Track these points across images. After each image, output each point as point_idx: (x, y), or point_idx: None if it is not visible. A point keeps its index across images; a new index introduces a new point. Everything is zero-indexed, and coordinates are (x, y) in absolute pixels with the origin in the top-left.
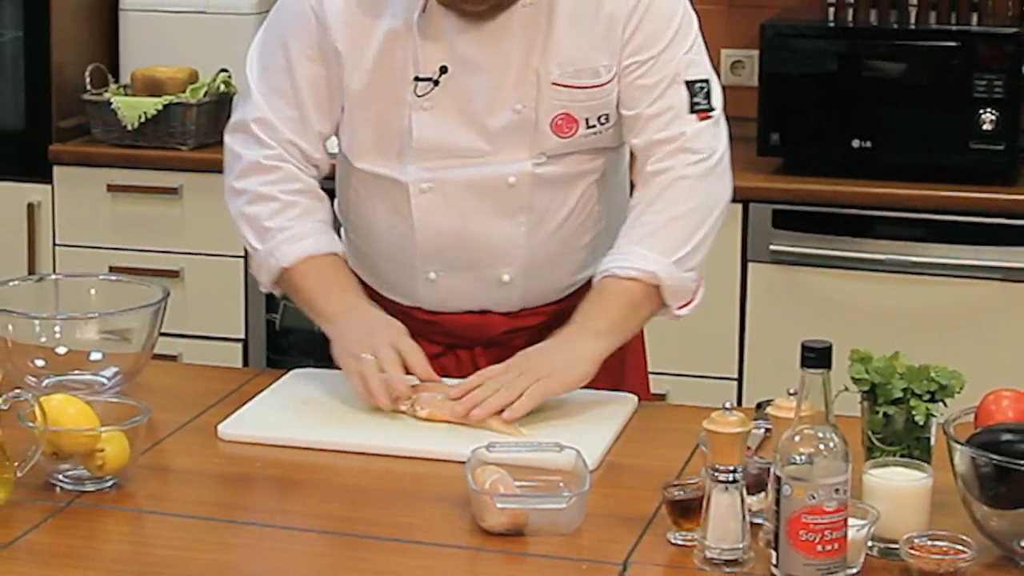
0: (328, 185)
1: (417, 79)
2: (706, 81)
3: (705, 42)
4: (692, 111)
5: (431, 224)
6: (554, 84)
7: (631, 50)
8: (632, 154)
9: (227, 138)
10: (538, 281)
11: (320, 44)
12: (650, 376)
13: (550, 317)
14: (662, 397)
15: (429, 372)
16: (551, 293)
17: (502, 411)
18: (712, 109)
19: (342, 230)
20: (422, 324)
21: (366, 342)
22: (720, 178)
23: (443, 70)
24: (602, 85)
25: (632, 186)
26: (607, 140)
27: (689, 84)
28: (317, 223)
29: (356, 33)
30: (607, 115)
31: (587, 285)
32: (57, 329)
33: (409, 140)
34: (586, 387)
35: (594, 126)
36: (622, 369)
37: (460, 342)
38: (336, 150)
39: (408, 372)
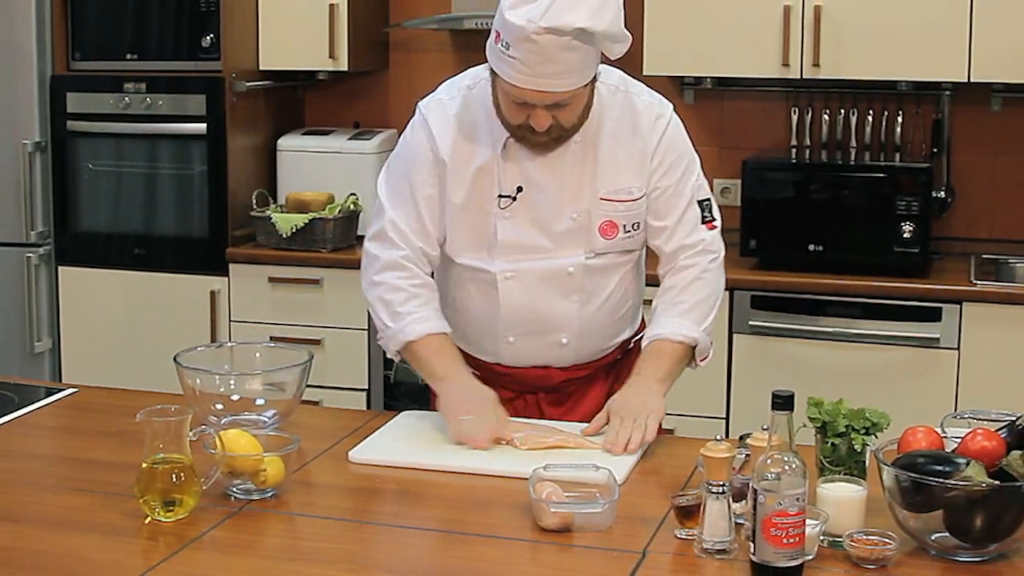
0: None
1: (500, 196)
2: (709, 200)
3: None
4: (703, 222)
5: (512, 302)
6: (601, 199)
7: (657, 177)
8: (651, 251)
9: (367, 244)
10: (587, 343)
11: (434, 171)
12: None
13: (594, 371)
14: (670, 431)
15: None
16: (596, 353)
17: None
18: (715, 219)
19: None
20: (500, 376)
21: (466, 403)
22: (722, 271)
23: (519, 189)
24: (635, 200)
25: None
26: (636, 243)
27: (700, 203)
28: (434, 310)
29: (458, 163)
30: (638, 223)
31: (620, 347)
32: (232, 382)
33: (495, 241)
34: None
35: (629, 231)
36: None
37: (527, 389)
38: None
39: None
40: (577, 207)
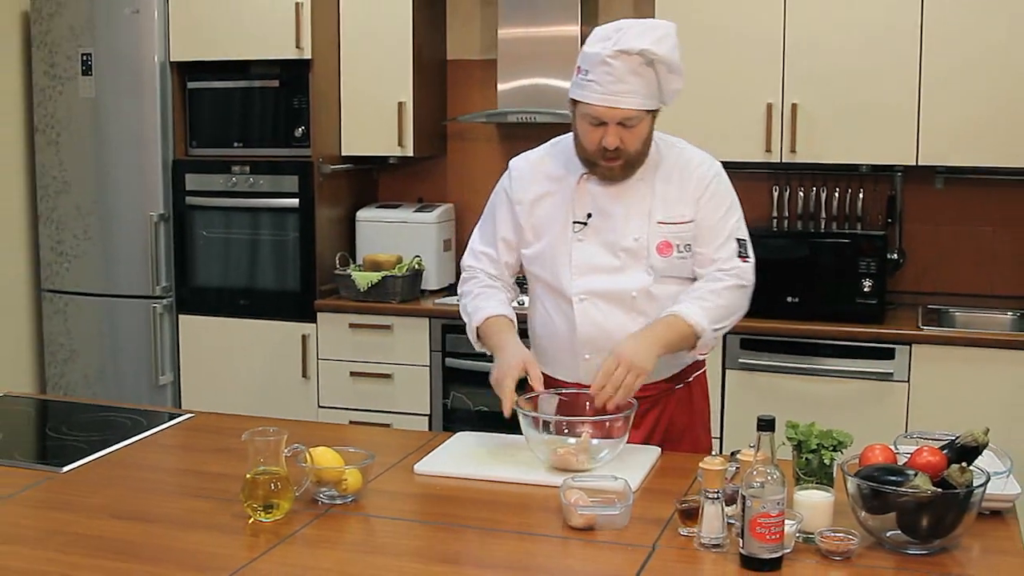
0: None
1: (574, 222)
2: (746, 240)
3: None
4: (738, 256)
5: (586, 322)
6: (658, 223)
7: (703, 212)
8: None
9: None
10: None
11: (510, 211)
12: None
13: (658, 393)
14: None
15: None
16: (660, 374)
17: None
18: (749, 256)
19: (529, 337)
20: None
21: (497, 370)
22: (745, 296)
23: (589, 215)
24: (687, 223)
25: None
26: (689, 269)
27: (738, 240)
28: (497, 301)
29: (534, 199)
30: (688, 245)
31: (680, 375)
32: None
33: (570, 261)
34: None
35: (682, 251)
36: (694, 434)
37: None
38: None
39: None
40: (638, 230)
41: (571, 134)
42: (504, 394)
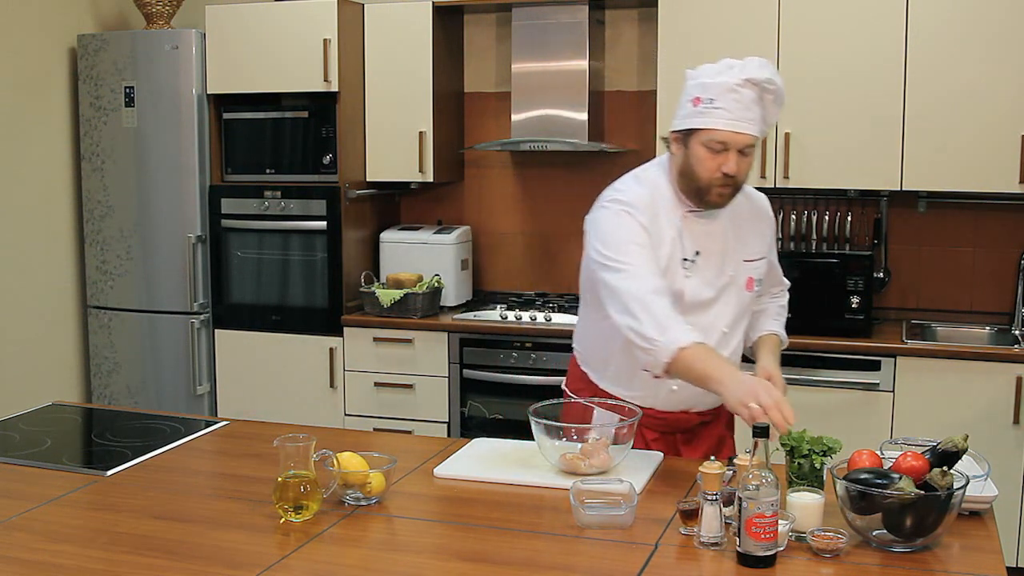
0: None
1: (684, 259)
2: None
3: None
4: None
5: None
6: (744, 261)
7: (770, 249)
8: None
9: (614, 282)
10: None
11: (647, 236)
12: None
13: (715, 415)
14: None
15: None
16: (719, 400)
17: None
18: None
19: (602, 359)
20: (650, 419)
21: (751, 394)
22: None
23: (697, 253)
24: (762, 260)
25: None
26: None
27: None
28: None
29: (654, 232)
30: (762, 280)
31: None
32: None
33: (683, 295)
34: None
35: (759, 285)
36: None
37: (669, 431)
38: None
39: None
40: (730, 268)
41: (648, 169)
42: (778, 407)
